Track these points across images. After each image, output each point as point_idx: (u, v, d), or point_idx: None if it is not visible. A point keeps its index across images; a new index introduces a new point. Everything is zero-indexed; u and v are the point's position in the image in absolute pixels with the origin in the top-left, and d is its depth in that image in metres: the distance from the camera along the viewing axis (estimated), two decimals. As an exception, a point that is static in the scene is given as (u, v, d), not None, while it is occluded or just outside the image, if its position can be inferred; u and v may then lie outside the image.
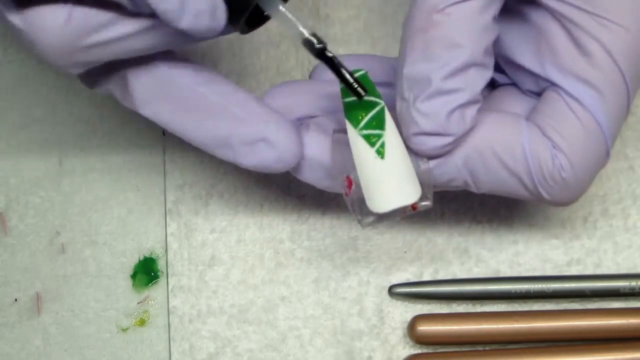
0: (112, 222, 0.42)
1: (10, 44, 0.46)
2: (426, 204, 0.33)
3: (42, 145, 0.43)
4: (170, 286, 0.40)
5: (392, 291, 0.40)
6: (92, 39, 0.30)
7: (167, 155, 0.43)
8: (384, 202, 0.31)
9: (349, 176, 0.33)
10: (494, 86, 0.37)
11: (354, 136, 0.32)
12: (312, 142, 0.34)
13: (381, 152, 0.31)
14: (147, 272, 0.41)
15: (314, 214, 0.42)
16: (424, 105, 0.31)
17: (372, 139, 0.32)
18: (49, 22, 0.29)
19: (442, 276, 0.40)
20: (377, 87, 0.33)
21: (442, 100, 0.31)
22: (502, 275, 0.40)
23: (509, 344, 0.38)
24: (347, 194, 0.33)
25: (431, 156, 0.33)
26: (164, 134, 0.43)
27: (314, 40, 0.30)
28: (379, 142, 0.31)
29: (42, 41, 0.29)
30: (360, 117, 0.32)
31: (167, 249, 0.41)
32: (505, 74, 0.36)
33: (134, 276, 0.41)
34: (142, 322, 0.40)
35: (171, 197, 0.42)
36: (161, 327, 0.40)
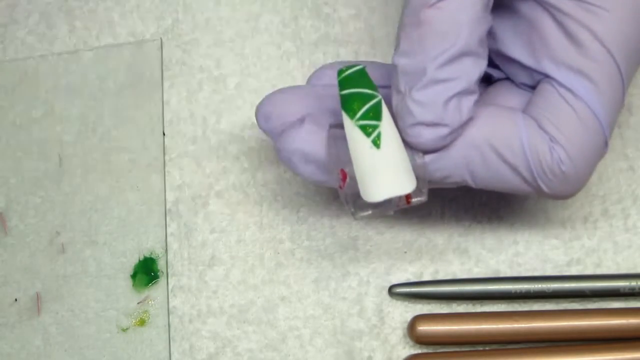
0: (112, 222, 0.42)
1: (10, 44, 0.46)
2: (420, 198, 0.33)
3: (42, 145, 0.43)
4: (170, 286, 0.41)
5: (392, 291, 0.40)
6: None
7: (167, 155, 0.43)
8: (378, 192, 0.31)
9: (343, 169, 0.33)
10: (490, 82, 0.37)
11: (350, 127, 0.32)
12: (307, 137, 0.34)
13: (377, 143, 0.31)
14: (147, 272, 0.41)
15: (314, 214, 0.42)
16: (419, 94, 0.31)
17: (368, 129, 0.32)
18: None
19: (442, 276, 0.40)
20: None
21: (438, 88, 0.31)
22: (502, 275, 0.40)
23: (509, 344, 0.38)
24: (342, 187, 0.33)
25: (427, 149, 0.32)
26: (164, 134, 0.43)
27: None
28: (375, 133, 0.32)
29: None
30: (356, 108, 0.32)
31: (167, 249, 0.41)
32: (500, 69, 0.36)
33: (134, 276, 0.41)
34: (142, 322, 0.40)
35: (171, 197, 0.42)
36: (161, 327, 0.40)
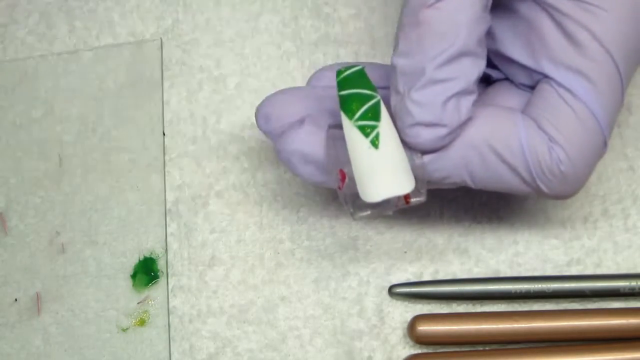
0: (112, 222, 0.42)
1: (10, 44, 0.46)
2: (419, 199, 0.33)
3: (42, 145, 0.43)
4: (170, 286, 0.41)
5: (392, 291, 0.40)
6: None
7: (167, 155, 0.43)
8: (376, 192, 0.31)
9: (342, 170, 0.33)
10: (489, 82, 0.37)
11: (349, 127, 0.32)
12: (306, 137, 0.34)
13: (375, 143, 0.31)
14: (147, 272, 0.41)
15: (313, 214, 0.41)
16: (418, 94, 0.31)
17: (366, 130, 0.32)
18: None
19: (442, 276, 0.40)
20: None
21: (436, 89, 0.31)
22: (502, 275, 0.40)
23: (509, 344, 0.38)
24: (341, 187, 0.33)
25: (426, 149, 0.32)
26: (164, 134, 0.43)
27: None
28: (374, 133, 0.32)
29: None
30: (355, 109, 0.32)
31: (167, 249, 0.41)
32: (499, 70, 0.36)
33: (134, 276, 0.41)
34: (142, 322, 0.40)
35: (171, 197, 0.42)
36: (161, 327, 0.40)
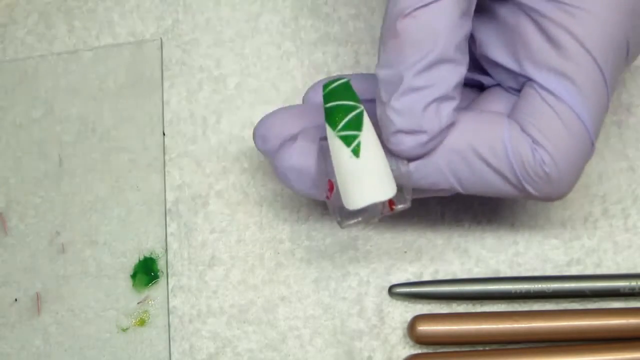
0: (112, 222, 0.42)
1: (9, 44, 0.46)
2: (404, 205, 0.33)
3: (42, 145, 0.43)
4: (170, 286, 0.41)
5: (392, 291, 0.40)
6: None
7: (167, 155, 0.43)
8: (358, 199, 0.32)
9: (330, 180, 0.33)
10: (483, 89, 0.37)
11: (332, 138, 0.33)
12: (299, 153, 0.35)
13: (356, 151, 0.32)
14: (147, 272, 0.41)
15: (313, 214, 0.42)
16: (398, 102, 0.32)
17: (348, 140, 0.32)
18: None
19: (442, 276, 0.40)
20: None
21: (415, 96, 0.32)
22: (502, 275, 0.40)
23: (509, 344, 0.38)
24: (329, 197, 0.33)
25: (410, 156, 0.33)
26: (164, 134, 0.43)
27: None
28: (355, 142, 0.32)
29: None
30: (338, 120, 0.32)
31: (167, 249, 0.41)
32: (490, 76, 0.36)
33: (134, 276, 0.41)
34: (142, 322, 0.40)
35: (171, 197, 0.42)
36: (161, 327, 0.40)
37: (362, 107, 0.33)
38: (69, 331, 0.40)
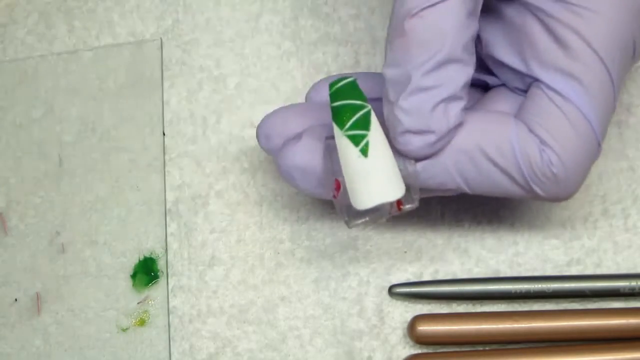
0: (112, 222, 0.42)
1: (9, 44, 0.46)
2: (412, 205, 0.33)
3: (42, 145, 0.43)
4: (170, 286, 0.41)
5: (392, 291, 0.40)
6: None
7: (167, 155, 0.43)
8: (367, 199, 0.32)
9: (337, 179, 0.33)
10: (487, 89, 0.37)
11: (340, 137, 0.32)
12: (304, 151, 0.35)
13: (365, 151, 0.32)
14: (147, 272, 0.41)
15: (313, 214, 0.42)
16: (406, 102, 0.32)
17: (356, 139, 0.32)
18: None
19: (442, 276, 0.40)
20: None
21: (423, 96, 0.32)
22: (502, 275, 0.40)
23: (509, 344, 0.38)
24: (336, 196, 0.33)
25: (418, 156, 0.33)
26: (164, 134, 0.43)
27: None
28: (363, 142, 0.32)
29: None
30: (346, 119, 0.32)
31: (167, 249, 0.41)
32: (496, 76, 0.36)
33: (134, 276, 0.41)
34: (142, 322, 0.40)
35: (171, 197, 0.42)
36: (161, 327, 0.40)
37: (369, 107, 0.33)
38: (69, 331, 0.40)
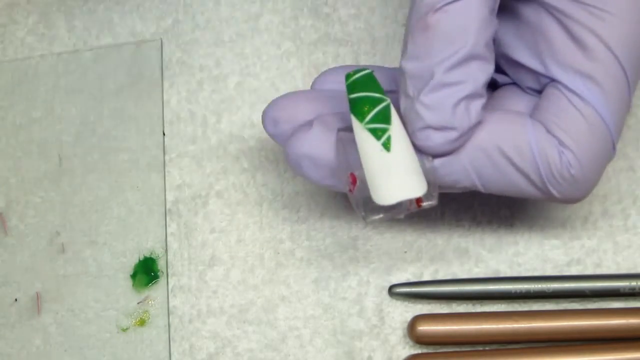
0: (112, 222, 0.42)
1: (9, 44, 0.46)
2: (431, 202, 0.32)
3: (42, 145, 0.43)
4: (170, 286, 0.41)
5: (392, 291, 0.40)
6: None
7: (167, 155, 0.43)
8: (390, 195, 0.31)
9: (353, 173, 0.33)
10: (496, 87, 0.37)
11: (360, 130, 0.32)
12: (316, 140, 0.34)
13: (387, 146, 0.31)
14: (147, 272, 0.41)
15: (313, 214, 0.41)
16: (428, 98, 0.31)
17: (378, 133, 0.32)
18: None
19: (442, 276, 0.40)
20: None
21: (446, 92, 0.31)
22: (502, 275, 0.40)
23: (509, 344, 0.38)
24: (351, 190, 0.33)
25: (436, 153, 0.32)
26: (164, 134, 0.43)
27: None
28: (385, 136, 0.32)
29: None
30: (366, 112, 0.32)
31: (167, 249, 0.41)
32: (505, 74, 0.36)
33: (134, 276, 0.41)
34: (142, 322, 0.40)
35: (171, 197, 0.42)
36: (161, 327, 0.40)
37: (388, 100, 0.32)
38: (69, 331, 0.40)
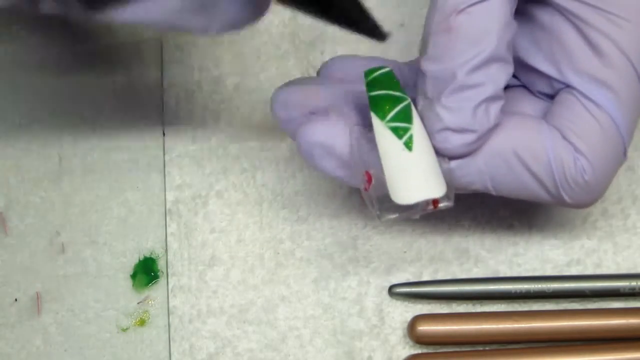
0: (112, 222, 0.42)
1: (10, 44, 0.46)
2: (447, 204, 0.32)
3: (42, 145, 0.43)
4: (170, 286, 0.40)
5: (392, 291, 0.40)
6: None
7: (167, 155, 0.43)
8: (409, 194, 0.31)
9: (368, 171, 0.32)
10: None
11: (381, 128, 0.32)
12: (331, 130, 0.34)
13: (409, 145, 0.31)
14: (147, 272, 0.41)
15: (313, 214, 0.42)
16: (448, 100, 0.31)
17: (399, 132, 0.32)
18: None
19: (441, 276, 0.40)
20: None
21: (467, 94, 0.31)
22: (501, 275, 0.40)
23: (509, 344, 0.38)
24: (367, 188, 0.33)
25: (454, 155, 0.32)
26: (164, 134, 0.43)
27: None
28: (407, 135, 0.32)
29: None
30: (387, 110, 0.32)
31: (167, 249, 0.41)
32: (514, 76, 0.36)
33: (134, 276, 0.41)
34: (142, 322, 0.40)
35: (171, 197, 0.42)
36: (161, 327, 0.40)
37: (409, 99, 0.32)
38: (69, 331, 0.40)
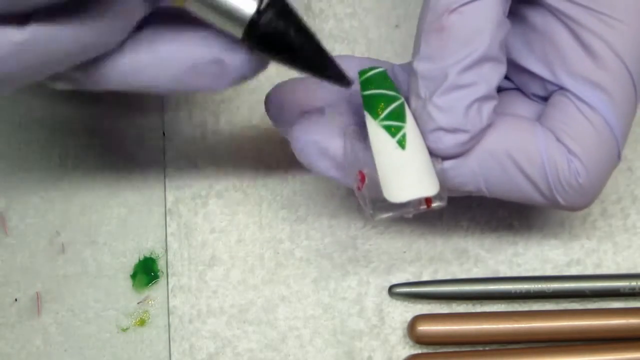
0: (112, 222, 0.42)
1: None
2: (440, 203, 0.32)
3: (42, 145, 0.43)
4: (170, 286, 0.40)
5: (392, 291, 0.40)
6: None
7: (167, 155, 0.43)
8: (402, 193, 0.31)
9: (361, 171, 0.33)
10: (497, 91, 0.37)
11: (374, 127, 0.32)
12: (325, 129, 0.34)
13: (402, 143, 0.31)
14: (147, 272, 0.41)
15: (313, 214, 0.42)
16: (440, 99, 0.31)
17: (393, 130, 0.32)
18: None
19: (441, 276, 0.40)
20: None
21: (459, 94, 0.31)
22: (501, 275, 0.40)
23: (509, 344, 0.38)
24: (360, 188, 0.33)
25: (446, 155, 0.32)
26: (164, 134, 0.43)
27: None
28: (400, 133, 0.32)
29: None
30: (380, 108, 0.32)
31: (167, 249, 0.41)
32: (507, 79, 0.36)
33: (134, 276, 0.41)
34: (142, 322, 0.40)
35: (171, 197, 0.42)
36: (161, 327, 0.40)
37: (402, 99, 0.32)
38: (69, 331, 0.40)
